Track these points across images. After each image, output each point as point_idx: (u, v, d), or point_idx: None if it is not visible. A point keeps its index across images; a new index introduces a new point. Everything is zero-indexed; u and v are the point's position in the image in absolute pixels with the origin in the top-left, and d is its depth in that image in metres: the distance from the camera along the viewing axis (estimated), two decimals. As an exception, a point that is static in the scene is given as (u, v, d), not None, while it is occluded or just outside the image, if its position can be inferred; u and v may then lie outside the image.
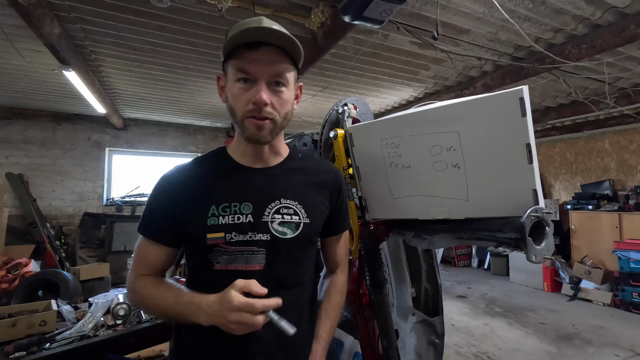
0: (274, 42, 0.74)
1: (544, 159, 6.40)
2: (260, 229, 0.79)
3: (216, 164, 0.87)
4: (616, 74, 3.30)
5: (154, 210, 0.83)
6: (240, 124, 0.78)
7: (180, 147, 6.17)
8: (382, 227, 1.27)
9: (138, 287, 0.82)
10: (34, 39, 2.53)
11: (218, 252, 0.79)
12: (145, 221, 0.84)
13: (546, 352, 3.22)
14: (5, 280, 3.22)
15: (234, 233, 0.78)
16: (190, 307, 0.75)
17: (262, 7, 2.21)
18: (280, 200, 0.83)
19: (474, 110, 0.90)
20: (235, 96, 0.76)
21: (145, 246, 0.83)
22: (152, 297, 0.80)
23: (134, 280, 0.83)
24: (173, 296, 0.77)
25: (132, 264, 0.85)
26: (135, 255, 0.85)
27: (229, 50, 0.75)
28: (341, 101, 1.34)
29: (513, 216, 0.84)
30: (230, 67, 0.77)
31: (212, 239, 0.78)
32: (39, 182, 5.14)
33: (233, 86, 0.76)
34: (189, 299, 0.76)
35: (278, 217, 0.81)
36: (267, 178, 0.85)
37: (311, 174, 0.91)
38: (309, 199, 0.87)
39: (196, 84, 3.85)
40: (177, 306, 0.76)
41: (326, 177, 0.92)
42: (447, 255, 7.24)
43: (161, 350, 1.96)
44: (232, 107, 0.78)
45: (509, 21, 2.14)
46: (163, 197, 0.83)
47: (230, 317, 0.68)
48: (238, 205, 0.80)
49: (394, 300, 1.54)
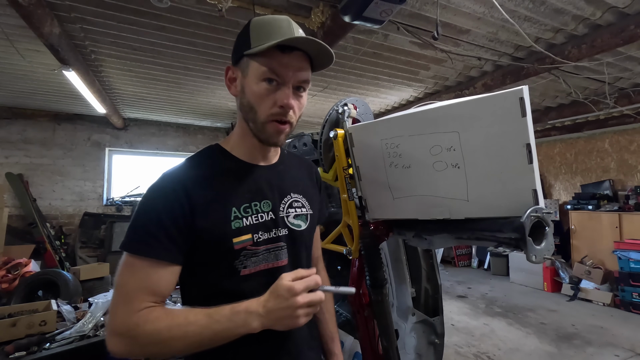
0: (310, 48, 0.74)
1: (544, 159, 6.40)
2: (281, 225, 0.81)
3: (220, 163, 0.80)
4: (616, 74, 3.30)
5: (157, 221, 0.68)
6: (261, 125, 0.75)
7: (180, 147, 6.17)
8: (382, 227, 1.27)
9: (146, 323, 0.63)
10: (34, 39, 2.53)
11: (245, 255, 0.74)
12: (144, 237, 0.68)
13: (546, 352, 3.22)
14: (5, 280, 3.22)
15: (260, 232, 0.77)
16: (235, 317, 0.65)
17: (262, 7, 2.21)
18: (291, 194, 0.86)
19: (474, 110, 0.90)
20: (259, 95, 0.73)
21: (145, 269, 0.67)
22: (173, 326, 0.64)
23: (134, 318, 0.64)
24: (204, 315, 0.65)
25: (121, 299, 0.66)
26: (124, 286, 0.67)
27: (262, 49, 0.70)
28: (341, 101, 1.34)
29: (513, 216, 0.84)
30: (257, 64, 0.72)
31: (239, 243, 0.73)
32: (39, 182, 5.14)
33: (257, 85, 0.73)
34: (229, 310, 0.65)
35: (292, 211, 0.84)
36: (275, 174, 0.85)
37: (301, 167, 0.96)
38: (308, 191, 0.91)
39: (196, 84, 3.85)
40: (215, 324, 0.64)
41: (311, 170, 0.99)
42: (447, 255, 7.24)
43: (161, 350, 1.96)
44: (253, 105, 0.74)
45: (509, 21, 2.14)
46: (167, 204, 0.70)
47: (298, 302, 0.63)
48: (258, 203, 0.79)
49: (394, 300, 1.54)
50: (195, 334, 0.64)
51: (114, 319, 0.65)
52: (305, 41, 0.71)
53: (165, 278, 0.69)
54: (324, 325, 0.99)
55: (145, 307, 0.65)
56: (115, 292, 0.68)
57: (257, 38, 0.72)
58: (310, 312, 0.66)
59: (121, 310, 0.65)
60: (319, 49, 0.73)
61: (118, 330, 0.64)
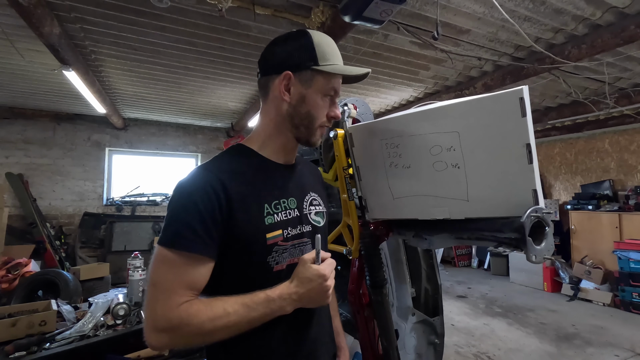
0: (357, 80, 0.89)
1: (544, 159, 6.40)
2: (305, 221, 0.86)
3: (250, 161, 0.83)
4: (616, 74, 3.30)
5: (196, 216, 0.69)
6: (315, 130, 0.84)
7: (180, 147, 6.18)
8: (382, 227, 1.27)
9: (189, 316, 0.65)
10: (34, 39, 2.53)
11: (277, 251, 0.78)
12: (184, 231, 0.68)
13: (546, 352, 3.22)
14: (5, 280, 3.22)
15: (289, 228, 0.81)
16: (271, 304, 0.71)
17: (262, 7, 2.21)
18: (310, 193, 0.92)
19: (474, 110, 0.90)
20: (321, 107, 0.84)
21: (184, 265, 0.68)
22: (215, 318, 0.66)
23: (175, 312, 0.65)
24: (240, 305, 0.69)
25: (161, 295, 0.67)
26: (164, 281, 0.68)
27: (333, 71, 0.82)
28: (341, 101, 1.34)
29: (513, 216, 0.84)
30: (323, 80, 0.82)
31: (272, 238, 0.77)
32: (39, 182, 5.15)
33: (322, 99, 0.83)
34: (264, 298, 0.71)
35: (313, 209, 0.90)
36: (296, 173, 0.91)
37: (311, 169, 1.03)
38: (321, 191, 0.98)
39: (196, 84, 3.85)
40: (252, 312, 0.69)
41: (317, 172, 1.08)
42: (447, 255, 7.24)
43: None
44: (314, 114, 0.83)
45: (509, 21, 2.14)
46: (206, 199, 0.70)
47: (327, 286, 0.74)
48: (286, 200, 0.83)
49: (394, 300, 1.54)
50: (235, 323, 0.68)
51: (154, 315, 0.66)
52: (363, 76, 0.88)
53: (203, 273, 0.70)
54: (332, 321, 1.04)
55: (185, 302, 0.67)
56: (152, 288, 0.68)
57: (323, 57, 0.81)
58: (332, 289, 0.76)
59: (162, 305, 0.66)
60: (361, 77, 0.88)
61: (160, 326, 0.66)
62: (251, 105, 4.57)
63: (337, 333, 1.04)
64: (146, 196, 5.94)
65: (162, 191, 6.11)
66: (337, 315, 1.08)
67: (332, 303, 1.07)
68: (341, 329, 1.08)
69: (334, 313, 1.06)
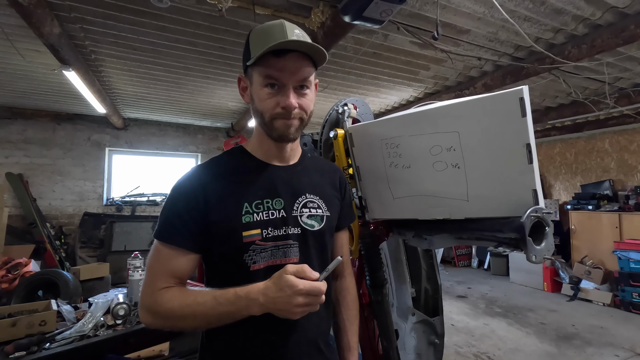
0: (300, 49, 0.77)
1: (544, 159, 6.40)
2: (292, 223, 0.84)
3: (239, 162, 0.87)
4: (616, 74, 3.30)
5: (177, 214, 0.78)
6: (269, 124, 0.81)
7: (180, 147, 6.18)
8: (382, 227, 1.27)
9: (163, 301, 0.73)
10: (34, 39, 2.53)
11: (254, 250, 0.78)
12: (168, 227, 0.77)
13: (546, 352, 3.22)
14: (5, 280, 3.22)
15: (270, 229, 0.81)
16: (238, 302, 0.70)
17: (262, 7, 2.21)
18: (305, 195, 0.89)
19: (474, 110, 0.90)
20: (263, 100, 0.79)
21: (167, 255, 0.77)
22: (184, 306, 0.72)
23: (155, 296, 0.74)
24: (211, 298, 0.72)
25: (148, 279, 0.77)
26: (152, 268, 0.77)
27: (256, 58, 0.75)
28: (341, 101, 1.35)
29: (513, 216, 0.84)
30: (257, 72, 0.79)
31: (248, 237, 0.78)
32: (39, 182, 5.14)
33: (261, 91, 0.79)
34: (233, 294, 0.71)
35: (306, 211, 0.87)
36: (291, 175, 0.89)
37: (324, 171, 0.98)
38: (327, 194, 0.94)
39: (196, 84, 3.85)
40: (220, 306, 0.71)
41: (335, 175, 1.01)
42: (447, 255, 7.24)
43: (161, 350, 1.96)
44: (260, 109, 0.81)
45: (509, 21, 2.14)
46: (185, 199, 0.78)
47: (295, 301, 0.67)
48: (270, 201, 0.83)
49: (394, 300, 1.54)
50: (203, 314, 0.72)
51: (142, 295, 0.77)
52: (293, 43, 0.75)
53: (183, 263, 0.78)
54: (342, 334, 0.97)
55: (164, 287, 0.75)
56: (146, 273, 0.79)
57: (255, 47, 0.77)
58: (306, 310, 0.69)
59: (147, 288, 0.76)
60: (309, 48, 0.76)
61: (144, 305, 0.76)
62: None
63: (348, 348, 0.96)
64: (146, 196, 5.95)
65: (162, 191, 6.11)
66: (355, 329, 0.99)
67: (349, 314, 0.99)
68: (355, 345, 0.98)
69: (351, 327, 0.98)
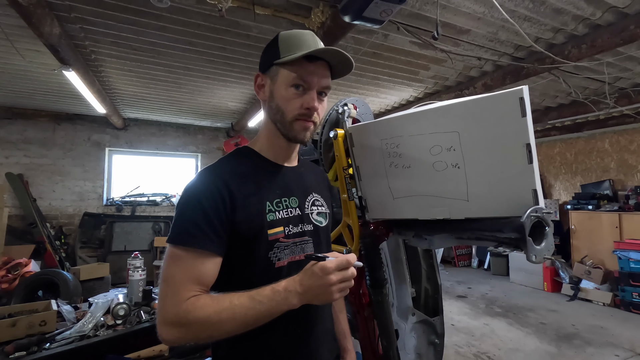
0: (331, 60, 0.83)
1: (544, 159, 6.40)
2: (306, 220, 0.88)
3: (252, 162, 0.87)
4: (616, 74, 3.30)
5: (202, 215, 0.73)
6: (289, 124, 0.83)
7: (180, 147, 6.18)
8: (382, 227, 1.27)
9: (196, 310, 0.68)
10: (34, 39, 2.53)
11: (279, 247, 0.81)
12: (190, 230, 0.73)
13: (546, 352, 3.22)
14: (5, 280, 3.21)
15: (290, 226, 0.84)
16: (276, 297, 0.70)
17: (262, 7, 2.21)
18: (312, 194, 0.94)
19: (474, 110, 0.90)
20: (287, 99, 0.82)
21: (190, 261, 0.72)
22: (221, 310, 0.68)
23: (183, 306, 0.68)
24: (247, 298, 0.70)
25: (170, 290, 0.70)
26: (172, 277, 0.71)
27: (292, 59, 0.79)
28: (341, 101, 1.35)
29: (513, 216, 0.84)
30: (285, 72, 0.81)
31: (273, 234, 0.80)
32: (39, 182, 5.14)
33: (286, 90, 0.81)
34: (270, 290, 0.70)
35: (315, 209, 0.92)
36: (297, 175, 0.93)
37: (317, 173, 1.05)
38: (324, 193, 1.00)
39: (196, 84, 3.85)
40: (259, 305, 0.69)
41: (323, 175, 1.10)
42: (447, 255, 7.24)
43: (161, 350, 1.96)
44: (282, 107, 0.82)
45: (509, 21, 2.14)
46: (211, 199, 0.75)
47: (329, 280, 0.68)
48: (287, 199, 0.86)
49: (394, 300, 1.54)
50: (242, 315, 0.69)
51: (164, 309, 0.70)
52: (330, 52, 0.80)
53: (210, 268, 0.74)
54: (337, 322, 1.03)
55: (192, 296, 0.70)
56: (163, 284, 0.72)
57: (286, 49, 0.81)
58: (343, 287, 0.71)
59: (170, 300, 0.69)
60: (340, 58, 0.82)
61: (169, 320, 0.69)
62: (251, 105, 4.57)
63: (344, 335, 1.05)
64: (146, 196, 5.94)
65: (162, 191, 6.10)
66: (344, 317, 1.08)
67: (339, 304, 1.08)
68: (348, 331, 1.08)
69: (341, 315, 1.07)
